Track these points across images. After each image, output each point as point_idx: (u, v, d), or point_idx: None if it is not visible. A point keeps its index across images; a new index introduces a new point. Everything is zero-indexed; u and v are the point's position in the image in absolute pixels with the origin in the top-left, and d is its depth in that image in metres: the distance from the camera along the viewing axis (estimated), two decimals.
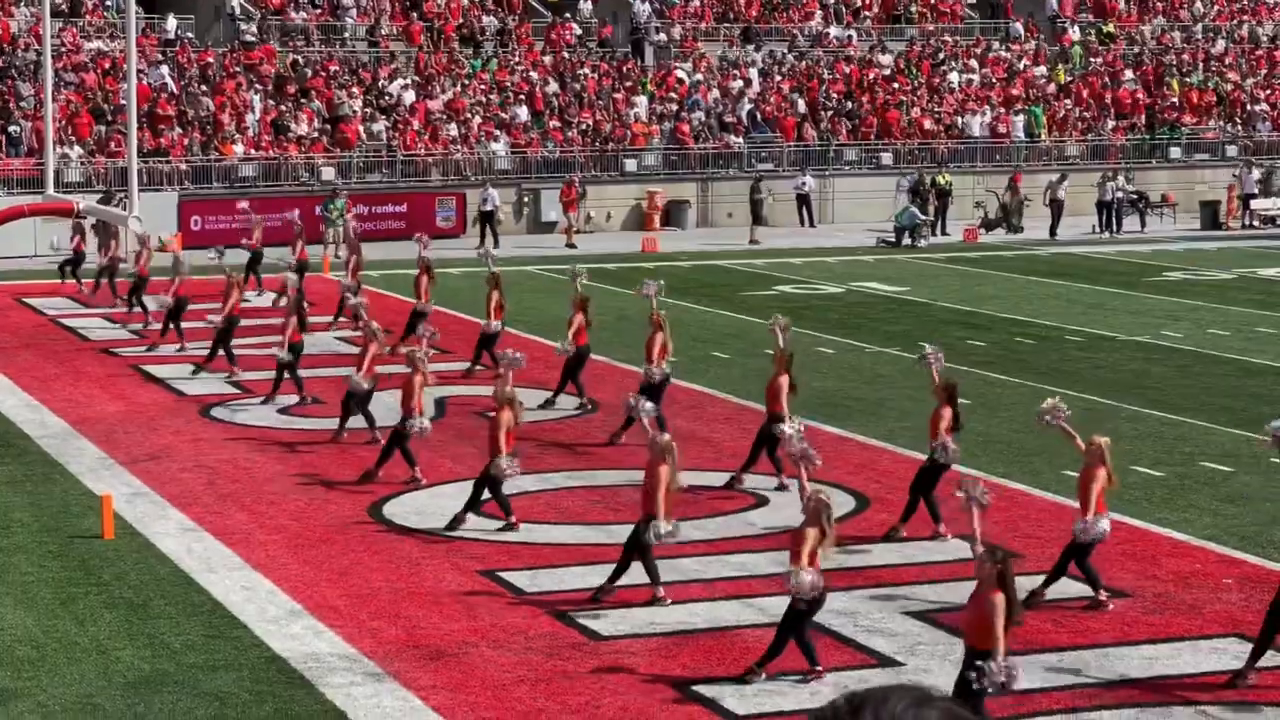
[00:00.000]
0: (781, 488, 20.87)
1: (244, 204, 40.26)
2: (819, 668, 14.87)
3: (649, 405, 19.06)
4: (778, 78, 56.83)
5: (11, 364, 29.24)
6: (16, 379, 28.13)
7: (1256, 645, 14.76)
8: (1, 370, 28.25)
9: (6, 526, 19.66)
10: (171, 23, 52.78)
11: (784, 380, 20.98)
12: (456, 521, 19.33)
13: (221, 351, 27.95)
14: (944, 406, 19.12)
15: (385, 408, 23.79)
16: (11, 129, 46.35)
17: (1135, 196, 52.79)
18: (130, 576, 17.77)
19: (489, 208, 46.99)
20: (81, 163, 45.69)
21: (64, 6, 51.72)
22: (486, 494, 19.34)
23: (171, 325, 30.56)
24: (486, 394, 26.05)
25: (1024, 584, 16.31)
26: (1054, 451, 22.95)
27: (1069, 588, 17.31)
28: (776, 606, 16.72)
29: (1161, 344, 31.94)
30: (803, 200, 51.61)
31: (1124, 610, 16.78)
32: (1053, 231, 49.81)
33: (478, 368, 28.16)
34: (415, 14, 56.34)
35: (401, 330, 28.93)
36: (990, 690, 12.78)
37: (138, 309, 33.17)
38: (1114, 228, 50.93)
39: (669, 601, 16.74)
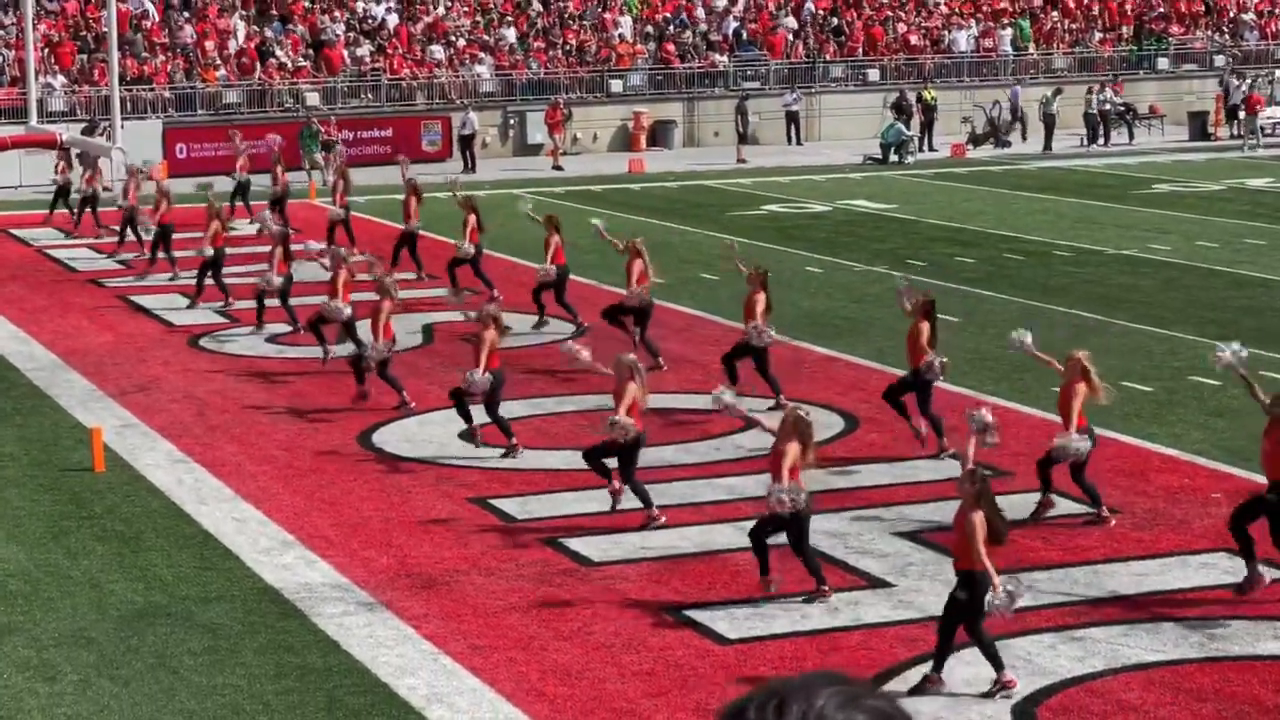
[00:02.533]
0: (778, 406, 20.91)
1: (234, 133, 39.82)
2: (825, 586, 14.92)
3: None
4: None
5: None
6: (4, 311, 28.07)
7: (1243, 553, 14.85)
8: None
9: None
10: None
11: (760, 297, 20.94)
12: (472, 434, 19.43)
13: (211, 282, 27.77)
14: (921, 321, 19.05)
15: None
16: None
17: (1123, 108, 52.61)
18: (121, 509, 17.79)
19: (468, 131, 46.77)
20: (65, 92, 45.42)
21: None
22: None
23: (162, 253, 30.48)
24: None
25: (1013, 503, 16.37)
26: (1043, 369, 22.97)
27: (1061, 505, 17.37)
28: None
29: (1150, 257, 31.92)
30: (791, 118, 51.42)
31: (1114, 527, 16.84)
32: (1047, 145, 49.63)
33: (466, 292, 28.06)
34: None
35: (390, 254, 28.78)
36: (999, 614, 12.86)
37: (131, 239, 32.95)
38: (1103, 140, 50.80)
39: (663, 520, 16.81)
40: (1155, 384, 22.36)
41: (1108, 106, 51.38)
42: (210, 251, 27.59)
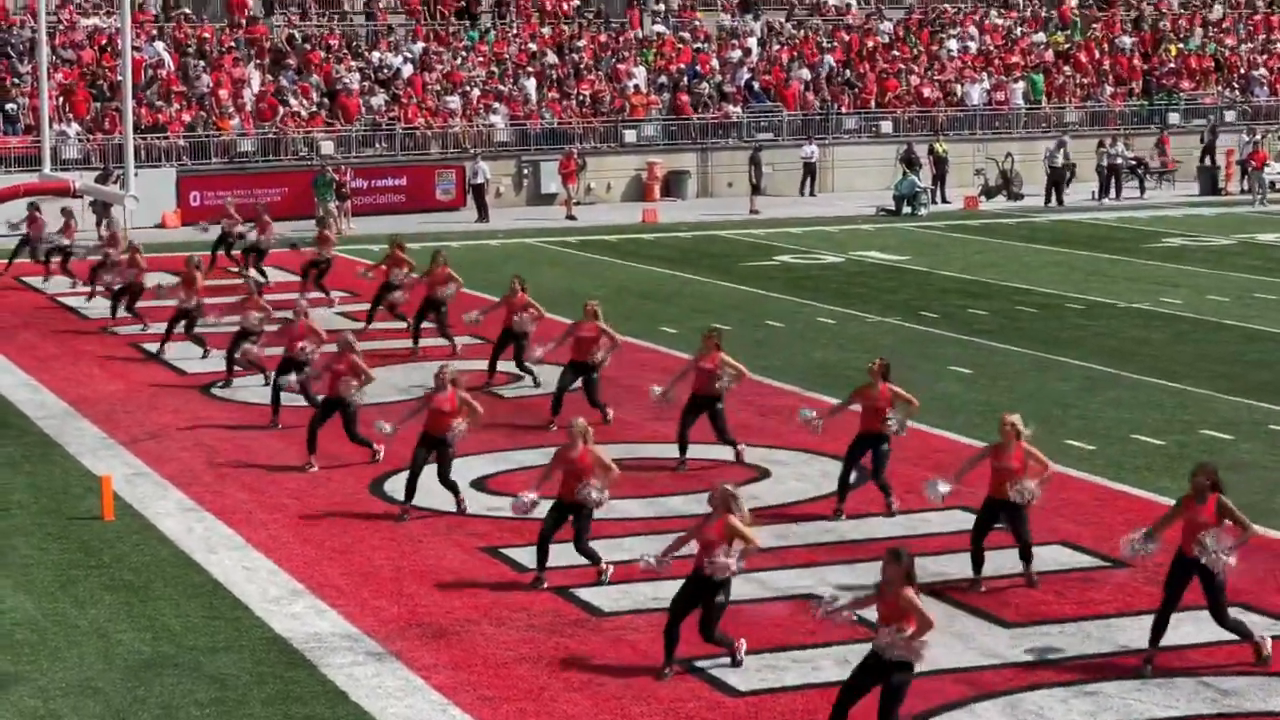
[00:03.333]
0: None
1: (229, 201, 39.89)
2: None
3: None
4: (776, 47, 56.68)
5: (10, 343, 29.21)
6: (16, 358, 28.10)
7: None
8: (0, 350, 28.20)
9: (6, 508, 19.64)
10: None
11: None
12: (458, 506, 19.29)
13: (181, 331, 27.92)
14: (883, 384, 18.91)
15: (392, 387, 23.82)
16: (9, 107, 46.22)
17: (1134, 162, 52.70)
18: (130, 558, 17.76)
19: (479, 181, 46.89)
20: (79, 140, 45.59)
21: None
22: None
23: (124, 308, 30.66)
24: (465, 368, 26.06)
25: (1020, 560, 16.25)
26: (1055, 422, 22.95)
27: (1073, 558, 17.31)
28: (779, 580, 16.74)
29: (1161, 311, 31.90)
30: (809, 169, 51.54)
31: (1126, 581, 16.77)
32: (1059, 199, 49.62)
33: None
34: None
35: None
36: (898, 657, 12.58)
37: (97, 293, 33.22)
38: (1115, 193, 50.86)
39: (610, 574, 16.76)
40: (1167, 438, 22.30)
41: (1119, 160, 51.44)
42: (192, 303, 27.74)
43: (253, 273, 33.75)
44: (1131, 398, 24.59)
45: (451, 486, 19.11)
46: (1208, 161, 53.69)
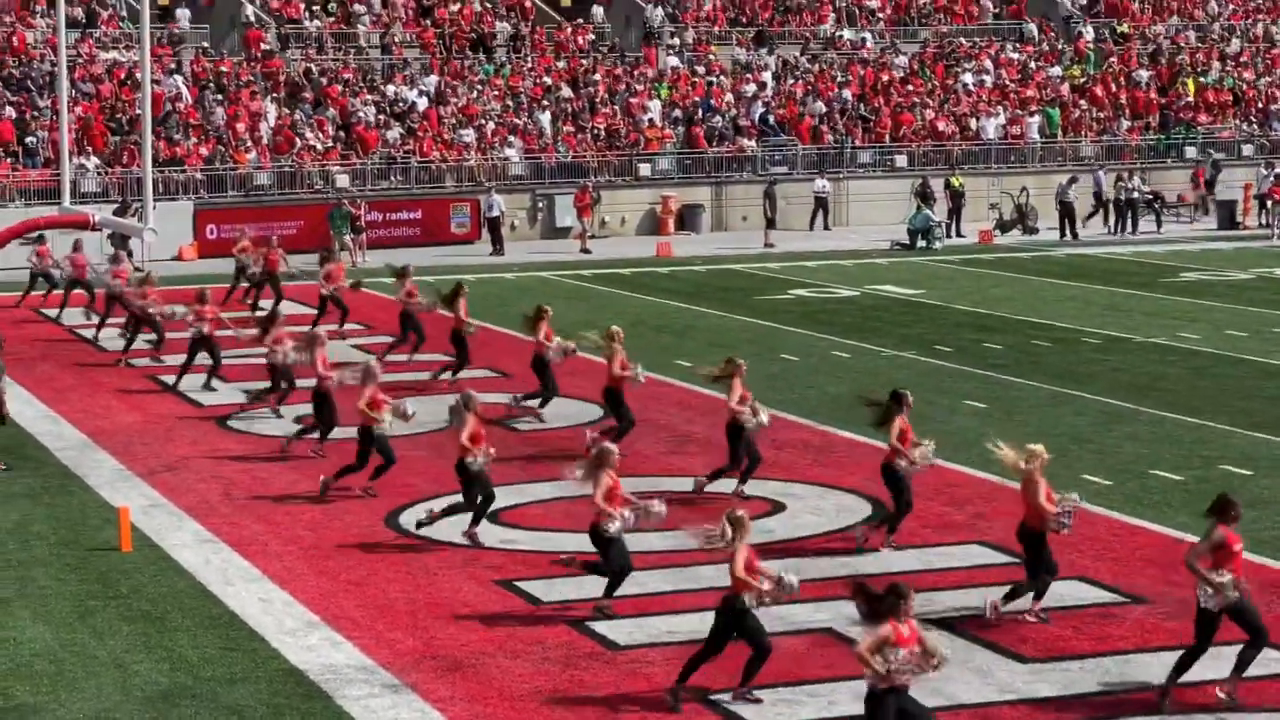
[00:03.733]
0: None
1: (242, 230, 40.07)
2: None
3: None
4: (791, 81, 56.80)
5: (29, 375, 29.28)
6: (34, 390, 28.17)
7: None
8: (19, 381, 28.27)
9: (25, 539, 19.68)
10: (184, 15, 52.66)
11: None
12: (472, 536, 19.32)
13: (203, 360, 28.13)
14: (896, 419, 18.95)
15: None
16: (28, 140, 46.42)
17: (1150, 196, 52.68)
18: (148, 589, 17.78)
19: (494, 214, 46.98)
20: (98, 173, 45.75)
21: (80, 17, 51.80)
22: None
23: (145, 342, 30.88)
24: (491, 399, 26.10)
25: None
26: (1072, 456, 22.91)
27: (1089, 593, 17.27)
28: (797, 614, 16.71)
29: (1179, 345, 31.85)
30: (820, 203, 51.63)
31: (1144, 617, 16.73)
32: (1072, 233, 49.61)
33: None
34: (428, 20, 56.40)
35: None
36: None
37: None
38: (1131, 227, 50.86)
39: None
40: (1185, 473, 22.25)
41: (1135, 195, 51.45)
42: (205, 329, 27.91)
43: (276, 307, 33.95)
44: (1149, 433, 24.55)
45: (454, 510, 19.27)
46: (1214, 196, 53.63)
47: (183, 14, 54.33)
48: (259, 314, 28.62)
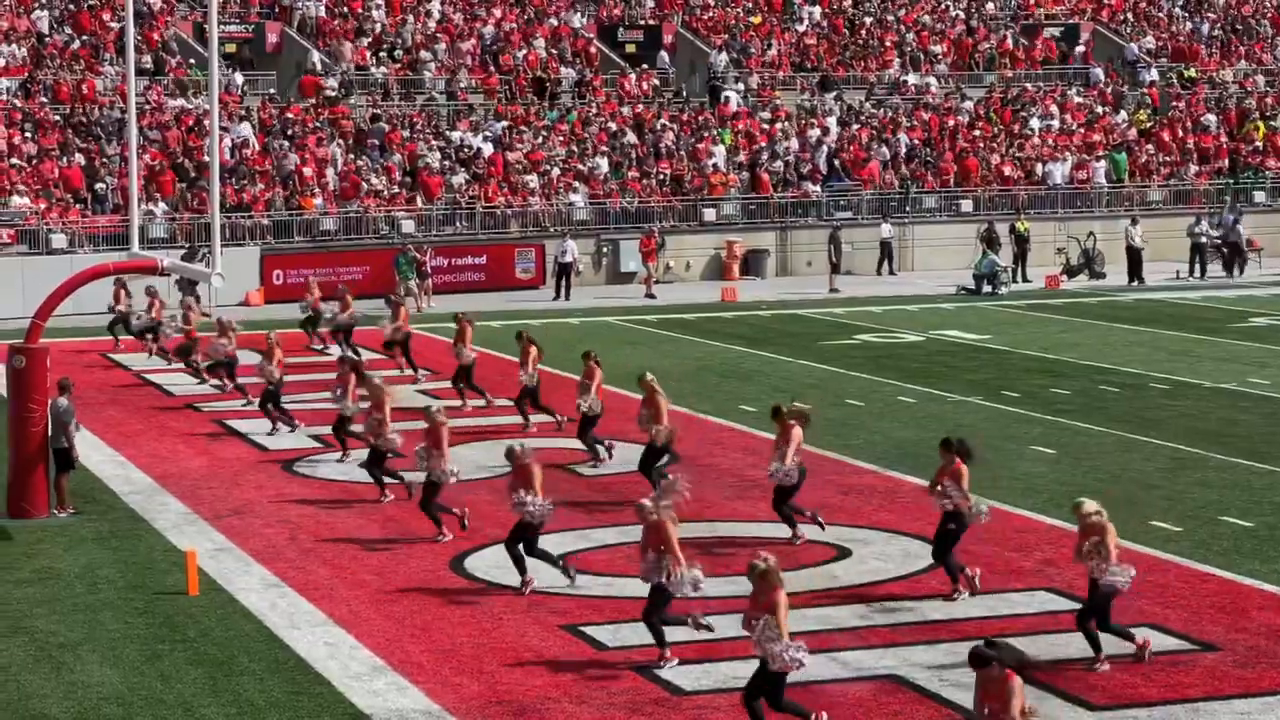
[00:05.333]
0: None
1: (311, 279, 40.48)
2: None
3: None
4: (855, 126, 56.80)
5: (98, 420, 29.50)
6: (103, 435, 28.38)
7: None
8: (88, 426, 28.43)
9: (93, 583, 19.80)
10: (239, 78, 53.27)
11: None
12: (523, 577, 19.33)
13: (272, 408, 28.43)
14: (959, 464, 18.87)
15: (471, 464, 23.88)
16: (98, 186, 46.89)
17: (1219, 241, 52.32)
18: (215, 633, 17.84)
19: (568, 259, 47.17)
20: (166, 219, 46.15)
21: (148, 65, 52.34)
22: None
23: (227, 382, 31.29)
24: (562, 446, 26.11)
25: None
26: (1141, 503, 22.74)
27: (1160, 640, 17.11)
28: (862, 660, 16.61)
29: (1249, 391, 31.58)
30: (885, 248, 51.55)
31: (1215, 664, 16.55)
32: (1138, 278, 49.28)
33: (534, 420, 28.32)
34: (493, 66, 56.71)
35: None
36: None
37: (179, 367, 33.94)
38: (1200, 273, 50.54)
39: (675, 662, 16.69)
40: (1256, 519, 22.03)
41: (1204, 240, 51.14)
42: (276, 376, 28.34)
43: (346, 351, 34.20)
44: (1219, 479, 24.33)
45: (537, 556, 19.29)
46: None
47: (247, 60, 54.85)
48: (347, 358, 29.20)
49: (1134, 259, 49.45)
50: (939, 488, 18.83)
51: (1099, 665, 16.36)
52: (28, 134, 48.37)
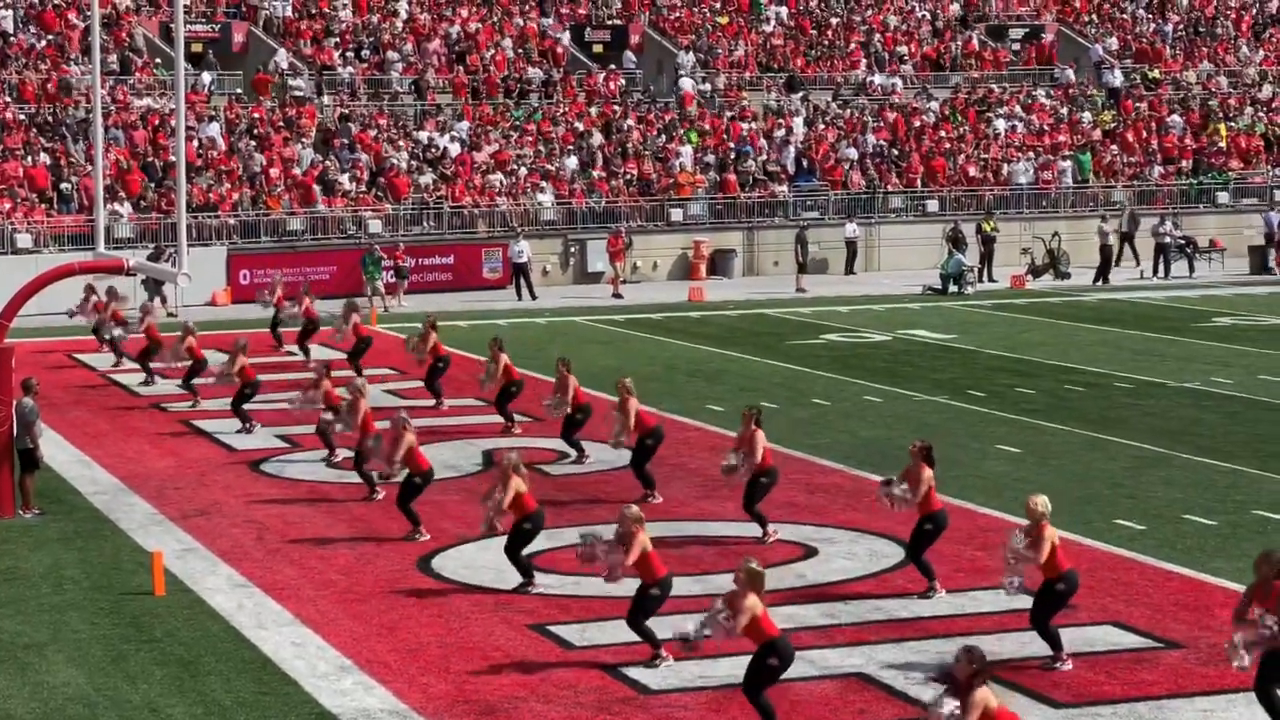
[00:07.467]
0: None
1: (276, 275, 40.50)
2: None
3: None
4: (822, 126, 56.91)
5: (63, 420, 29.42)
6: (67, 435, 28.30)
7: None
8: (53, 426, 28.39)
9: (59, 584, 19.76)
10: (206, 78, 53.12)
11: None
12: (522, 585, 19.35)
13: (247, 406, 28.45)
14: (924, 467, 18.94)
15: (443, 465, 23.90)
16: (63, 186, 46.72)
17: (1183, 241, 52.59)
18: (181, 633, 17.82)
19: (523, 259, 47.03)
20: (131, 220, 46.01)
21: (114, 65, 52.17)
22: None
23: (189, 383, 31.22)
24: (538, 446, 26.14)
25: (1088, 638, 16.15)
26: (1105, 501, 22.87)
27: (1123, 639, 17.21)
28: (828, 659, 16.68)
29: (1212, 390, 31.76)
30: (850, 248, 51.69)
31: (1178, 662, 16.66)
32: (1104, 278, 49.49)
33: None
34: (460, 67, 56.67)
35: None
36: None
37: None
38: (1164, 272, 50.78)
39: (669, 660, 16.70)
40: (1219, 518, 22.17)
41: (1167, 240, 51.37)
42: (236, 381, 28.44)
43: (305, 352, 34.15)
44: (1183, 477, 24.47)
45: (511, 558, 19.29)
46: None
47: (213, 60, 54.74)
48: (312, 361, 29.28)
49: (1106, 257, 49.64)
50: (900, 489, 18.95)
51: (1060, 664, 16.43)
52: None
